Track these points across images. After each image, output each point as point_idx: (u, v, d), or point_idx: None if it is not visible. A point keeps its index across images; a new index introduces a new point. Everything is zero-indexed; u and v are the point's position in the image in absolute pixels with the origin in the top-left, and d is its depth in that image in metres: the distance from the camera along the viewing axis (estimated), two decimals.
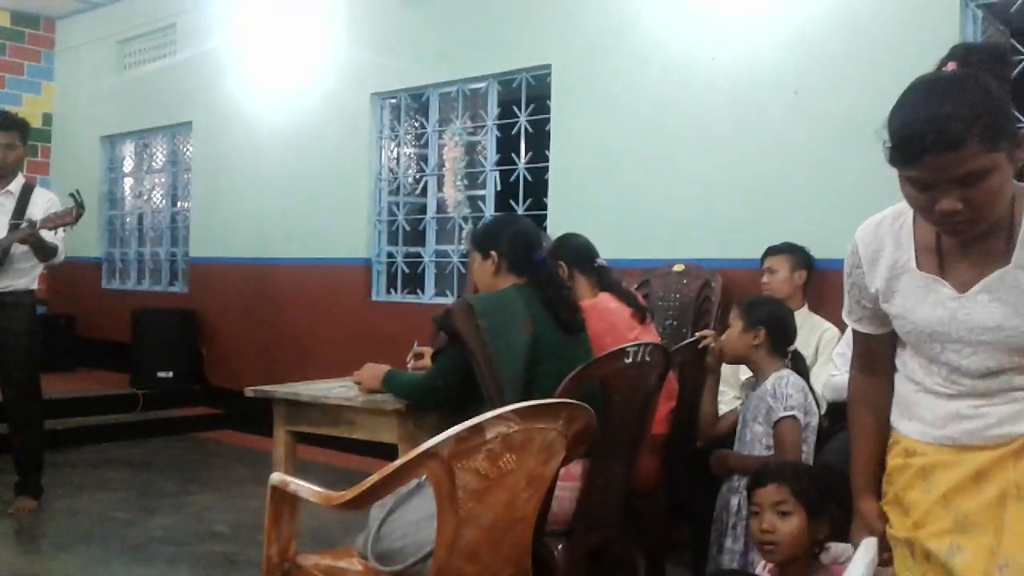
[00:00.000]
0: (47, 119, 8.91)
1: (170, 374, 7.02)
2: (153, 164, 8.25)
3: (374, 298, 6.23)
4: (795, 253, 3.91)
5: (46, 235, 4.20)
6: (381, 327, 5.92)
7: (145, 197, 8.31)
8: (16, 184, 4.44)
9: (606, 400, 2.57)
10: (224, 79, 7.27)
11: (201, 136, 7.50)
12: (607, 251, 3.49)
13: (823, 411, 3.02)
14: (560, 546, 2.51)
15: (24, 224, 4.21)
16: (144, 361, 7.03)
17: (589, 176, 5.08)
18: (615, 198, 4.95)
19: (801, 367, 2.88)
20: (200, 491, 5.07)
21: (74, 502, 4.67)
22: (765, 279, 3.89)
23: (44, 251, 4.27)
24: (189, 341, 7.22)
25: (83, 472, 5.35)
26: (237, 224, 7.10)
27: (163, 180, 8.13)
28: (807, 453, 2.71)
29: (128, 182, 8.50)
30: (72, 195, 4.22)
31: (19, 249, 4.25)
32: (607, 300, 3.19)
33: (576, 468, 2.55)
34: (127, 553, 3.88)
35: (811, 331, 3.69)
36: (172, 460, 5.92)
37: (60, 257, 4.40)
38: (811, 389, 2.81)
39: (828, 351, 3.54)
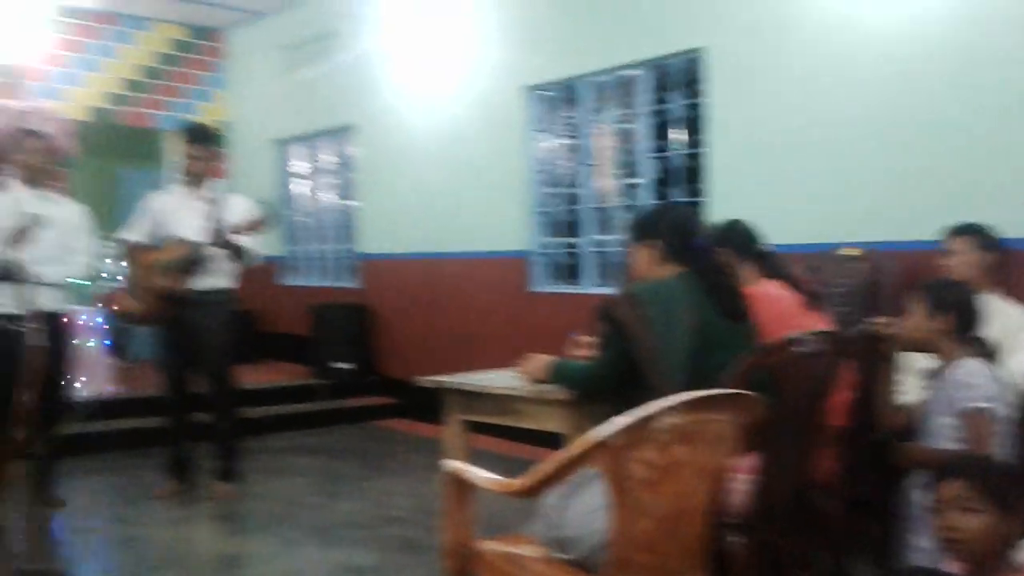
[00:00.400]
0: (223, 126, 9.54)
1: (347, 365, 7.41)
2: (322, 165, 8.69)
3: (533, 289, 6.35)
4: (979, 233, 3.66)
5: (240, 239, 4.53)
6: (540, 318, 6.03)
7: (318, 198, 8.77)
8: (213, 188, 4.79)
9: (777, 390, 2.53)
10: (382, 81, 7.58)
11: (364, 137, 7.85)
12: (771, 236, 3.43)
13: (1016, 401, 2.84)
14: (736, 539, 2.50)
15: (220, 229, 4.54)
16: (323, 353, 7.44)
17: (749, 160, 4.98)
18: (778, 181, 4.83)
19: (989, 354, 2.73)
20: (379, 477, 5.34)
21: (266, 487, 5.03)
22: (947, 261, 3.68)
23: (238, 254, 4.62)
24: (364, 334, 7.59)
25: (272, 458, 5.75)
26: (401, 221, 7.39)
27: (334, 181, 8.55)
28: (1000, 446, 2.57)
29: (300, 183, 8.98)
30: (264, 203, 4.53)
31: (216, 252, 4.60)
32: (773, 287, 3.13)
33: (750, 460, 2.53)
34: (316, 535, 4.15)
35: (1000, 316, 3.47)
36: (352, 447, 6.26)
37: (254, 257, 4.74)
38: (1003, 378, 2.66)
39: (1021, 337, 3.32)
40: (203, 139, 4.75)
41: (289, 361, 8.23)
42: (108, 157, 9.32)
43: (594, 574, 2.14)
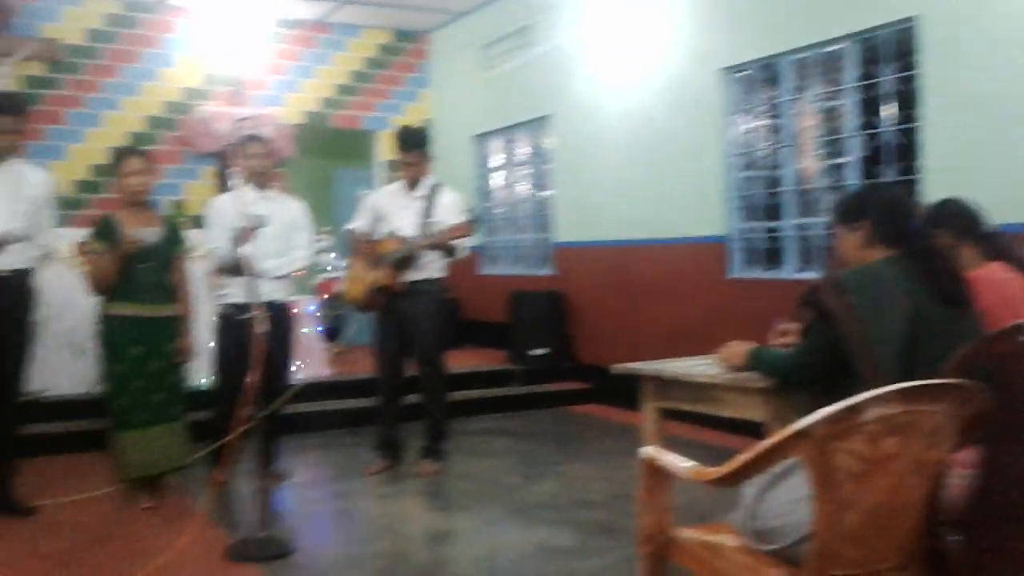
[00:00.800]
0: (426, 123, 9.95)
1: (543, 351, 7.55)
2: (519, 158, 8.87)
3: (732, 275, 6.19)
4: None
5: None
6: (739, 304, 5.88)
7: (513, 189, 8.97)
8: (425, 186, 5.03)
9: (1004, 381, 2.34)
10: (577, 71, 7.62)
11: (560, 128, 7.93)
12: (995, 215, 3.17)
13: None
14: (956, 538, 2.34)
15: (431, 232, 4.82)
16: (520, 339, 7.62)
17: (969, 134, 4.61)
18: (1001, 156, 4.46)
19: None
20: (574, 461, 5.42)
21: (467, 466, 5.23)
22: None
23: (447, 252, 4.87)
24: (559, 321, 7.70)
25: (473, 440, 5.96)
26: (597, 209, 7.42)
27: (528, 172, 8.72)
28: None
29: (497, 176, 9.22)
30: (469, 210, 4.75)
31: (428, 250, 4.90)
32: (998, 270, 2.90)
33: (971, 455, 2.36)
34: (515, 515, 4.27)
35: None
36: (548, 431, 6.37)
37: (462, 252, 4.98)
38: None
39: None
40: (413, 144, 5.00)
41: (489, 347, 8.49)
42: (323, 157, 9.96)
43: (795, 566, 2.07)
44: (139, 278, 4.27)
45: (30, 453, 4.78)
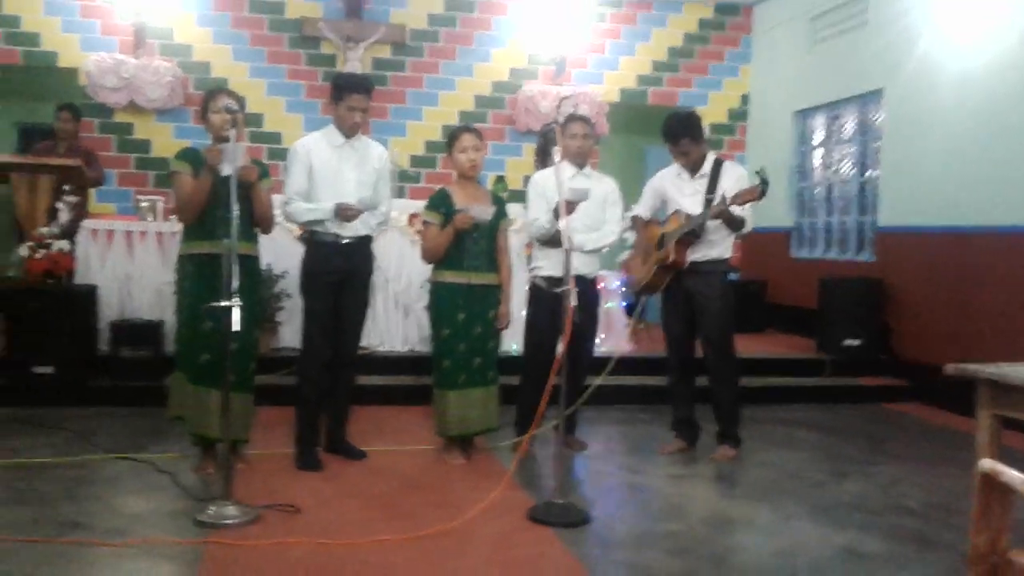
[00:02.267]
0: (744, 99, 9.66)
1: (857, 342, 7.08)
2: (842, 135, 8.34)
3: None
4: None
5: (735, 209, 4.61)
6: None
7: (833, 168, 8.47)
8: (708, 164, 4.93)
9: None
10: (919, 39, 6.99)
11: (894, 102, 7.34)
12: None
13: None
14: None
15: (716, 201, 4.68)
16: (831, 328, 7.20)
17: None
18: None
19: None
20: (887, 462, 5.04)
21: (766, 456, 5.06)
22: None
23: (732, 224, 4.72)
24: (876, 311, 7.18)
25: (773, 429, 5.75)
26: (931, 191, 6.80)
27: (852, 150, 8.17)
28: None
29: (817, 153, 8.74)
30: (757, 172, 4.54)
31: (712, 223, 4.76)
32: None
33: None
34: (817, 513, 4.06)
35: None
36: (858, 428, 5.98)
37: (748, 227, 4.80)
38: None
39: None
40: (678, 134, 4.89)
41: (796, 334, 8.13)
42: (637, 135, 10.03)
43: None
44: (467, 248, 4.58)
45: (362, 402, 5.33)
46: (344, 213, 4.37)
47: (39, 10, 8.32)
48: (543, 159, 6.97)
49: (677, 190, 4.97)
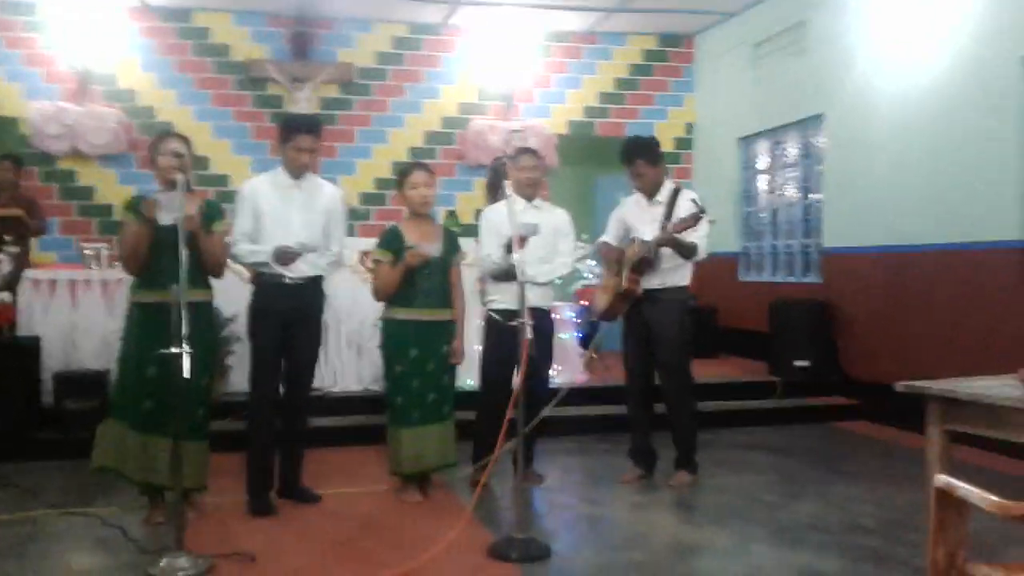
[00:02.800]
0: (689, 128, 9.82)
1: (806, 363, 7.18)
2: (785, 159, 8.52)
3: None
4: None
5: (686, 235, 4.67)
6: None
7: (778, 192, 8.63)
8: (665, 191, 4.98)
9: None
10: (855, 65, 7.20)
11: (834, 125, 7.53)
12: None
13: None
14: None
15: (666, 227, 4.72)
16: (782, 350, 7.30)
17: None
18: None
19: None
20: (840, 481, 5.10)
21: (723, 480, 5.09)
22: None
23: (683, 250, 4.76)
24: (824, 331, 7.30)
25: (727, 453, 5.79)
26: (873, 212, 6.96)
27: (795, 174, 8.35)
28: None
29: (763, 178, 8.91)
30: (693, 201, 4.63)
31: (665, 250, 4.79)
32: None
33: None
34: (775, 535, 4.09)
35: None
36: (811, 448, 6.05)
37: (701, 254, 4.84)
38: None
39: None
40: (633, 155, 4.96)
41: (747, 357, 8.22)
42: (586, 165, 10.14)
43: None
44: (419, 284, 4.57)
45: (316, 443, 5.26)
46: (282, 256, 4.34)
47: None
48: (494, 193, 7.00)
49: (637, 217, 5.02)
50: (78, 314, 6.12)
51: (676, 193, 4.96)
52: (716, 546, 3.98)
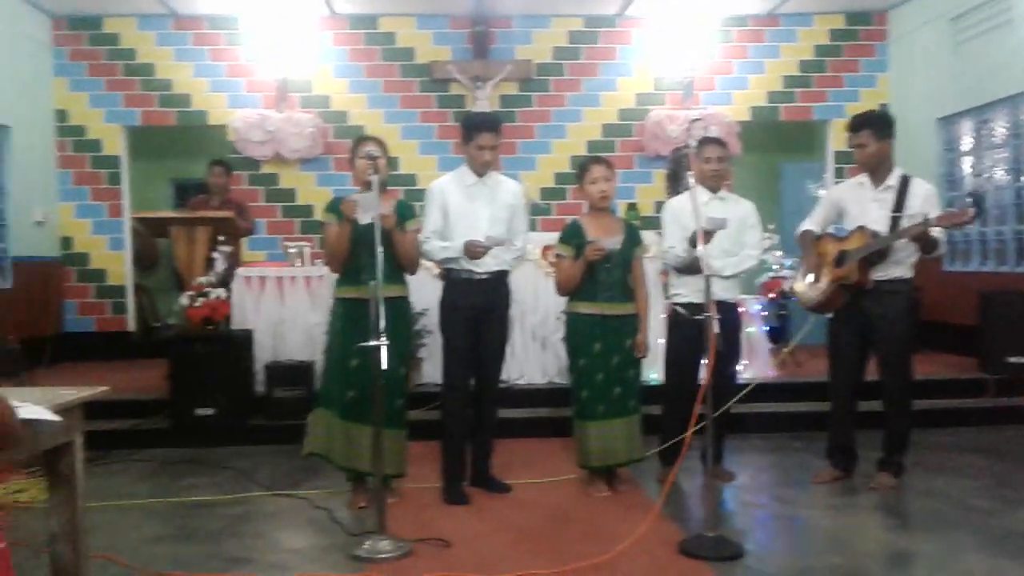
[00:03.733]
0: (883, 109, 9.27)
1: (1023, 360, 6.62)
2: (992, 140, 7.89)
3: None
4: None
5: (933, 231, 4.36)
6: None
7: (985, 175, 8.00)
8: (895, 177, 4.65)
9: None
10: None
11: None
12: None
13: None
14: None
15: (916, 221, 4.40)
16: (993, 345, 6.77)
17: None
18: None
19: None
20: None
21: (930, 484, 4.78)
22: None
23: (927, 246, 4.45)
24: None
25: (936, 455, 5.44)
26: None
27: (1004, 155, 7.71)
28: None
29: (966, 161, 8.29)
30: (971, 194, 4.30)
31: (900, 241, 4.50)
32: None
33: None
34: (990, 544, 3.80)
35: None
36: None
37: (941, 250, 4.55)
38: None
39: None
40: (866, 125, 4.67)
41: (954, 352, 7.68)
42: (769, 152, 9.82)
43: None
44: (601, 279, 4.58)
45: (503, 434, 5.37)
46: (472, 250, 4.47)
47: (189, 73, 8.91)
48: (674, 184, 6.91)
49: (859, 203, 4.71)
50: (285, 308, 6.55)
51: (906, 181, 4.63)
52: (924, 554, 3.75)
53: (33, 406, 2.42)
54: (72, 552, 2.88)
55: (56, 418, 2.49)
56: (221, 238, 6.49)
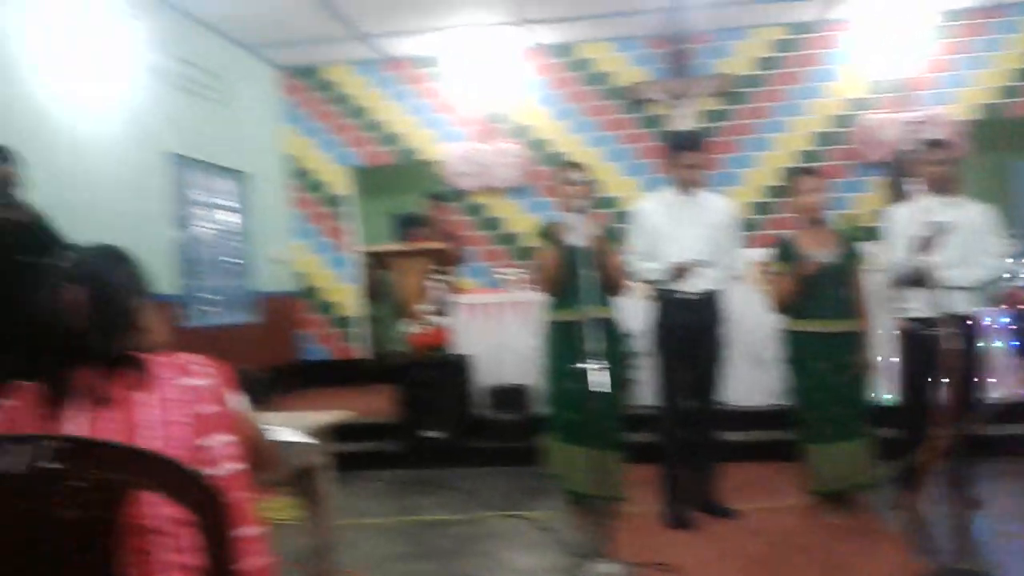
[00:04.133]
0: None
1: None
2: None
3: None
4: None
5: None
6: None
7: None
8: None
9: None
10: None
11: None
12: None
13: None
14: None
15: None
16: None
17: None
18: None
19: None
20: None
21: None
22: None
23: None
24: None
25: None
26: None
27: None
28: None
29: None
30: None
31: None
32: None
33: None
34: None
35: None
36: None
37: None
38: None
39: None
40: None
41: None
42: (1000, 152, 9.08)
43: None
44: (819, 295, 4.40)
45: (722, 458, 5.25)
46: (677, 273, 4.43)
47: (400, 112, 9.44)
48: (896, 191, 6.52)
49: None
50: (500, 333, 6.77)
51: None
52: None
53: (290, 430, 2.64)
54: (325, 568, 3.11)
55: (313, 440, 2.71)
56: (438, 267, 6.80)
